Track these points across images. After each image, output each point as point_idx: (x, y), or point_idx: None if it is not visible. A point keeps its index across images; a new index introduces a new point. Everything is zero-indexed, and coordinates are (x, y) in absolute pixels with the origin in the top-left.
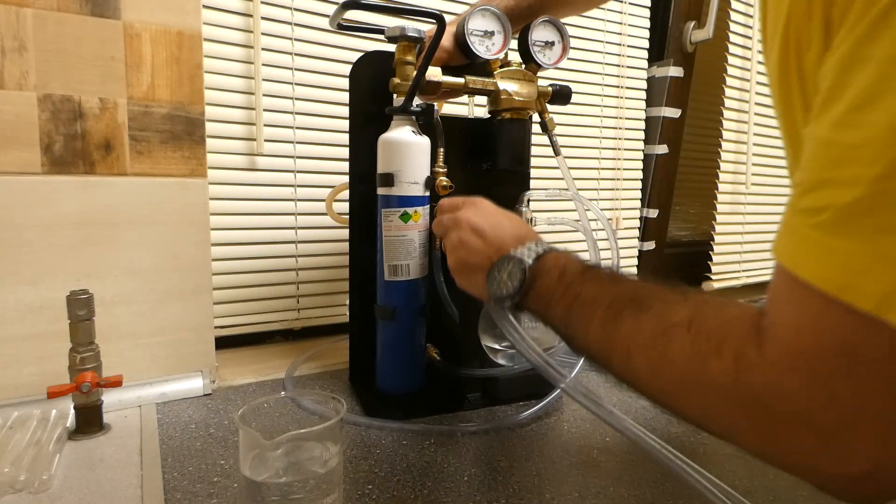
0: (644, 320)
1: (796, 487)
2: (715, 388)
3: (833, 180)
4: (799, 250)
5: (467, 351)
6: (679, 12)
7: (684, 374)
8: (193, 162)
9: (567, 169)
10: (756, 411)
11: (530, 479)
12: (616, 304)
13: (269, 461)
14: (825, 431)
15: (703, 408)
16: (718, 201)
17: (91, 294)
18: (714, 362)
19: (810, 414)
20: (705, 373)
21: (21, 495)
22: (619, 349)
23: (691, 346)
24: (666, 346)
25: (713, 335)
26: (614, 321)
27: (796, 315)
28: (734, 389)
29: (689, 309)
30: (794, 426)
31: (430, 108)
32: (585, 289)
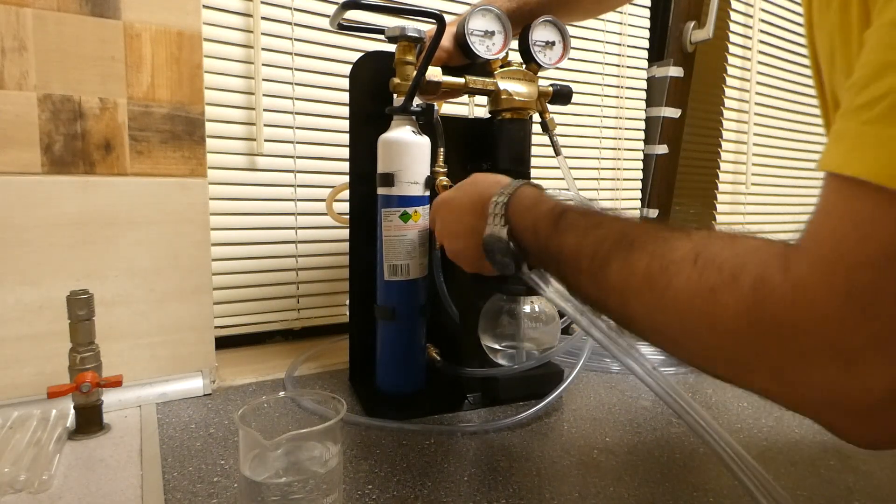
0: (636, 260)
1: (796, 487)
2: (726, 323)
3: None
4: (848, 149)
5: (467, 351)
6: (679, 12)
7: (689, 312)
8: (193, 162)
9: (567, 169)
10: (774, 343)
11: (530, 479)
12: (601, 250)
13: (269, 461)
14: (851, 356)
15: (711, 348)
16: (718, 201)
17: (91, 294)
18: (727, 294)
19: (840, 338)
20: (716, 306)
21: (21, 495)
22: (612, 296)
23: (698, 281)
24: (666, 284)
25: (726, 266)
26: (602, 270)
27: (838, 220)
28: (750, 320)
29: (693, 243)
30: (818, 356)
31: (430, 108)
32: (564, 242)
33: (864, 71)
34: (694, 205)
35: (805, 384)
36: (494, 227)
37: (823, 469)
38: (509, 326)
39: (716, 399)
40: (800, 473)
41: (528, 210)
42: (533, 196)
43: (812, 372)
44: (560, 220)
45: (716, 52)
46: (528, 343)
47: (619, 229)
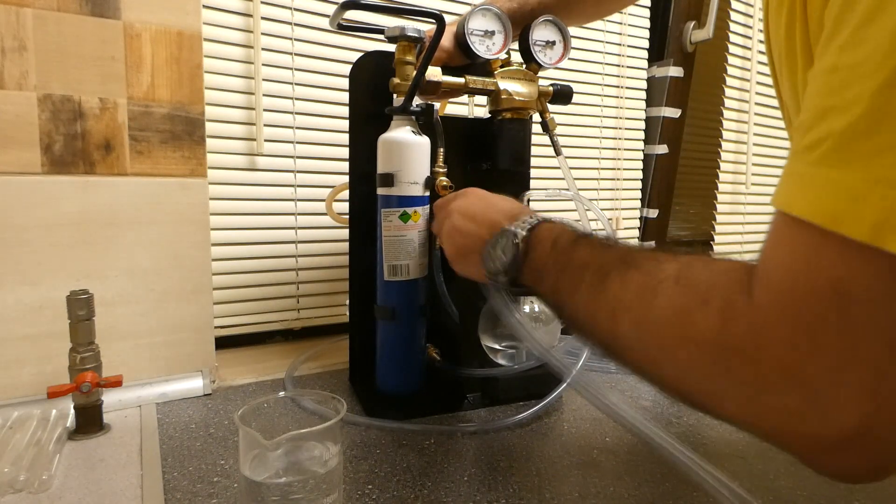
0: (630, 278)
1: (796, 488)
2: (698, 342)
3: (833, 107)
4: (793, 189)
5: (467, 351)
6: (679, 12)
7: (668, 329)
8: (193, 162)
9: (568, 169)
10: (739, 366)
11: (530, 479)
12: (605, 266)
13: (269, 461)
14: (811, 385)
15: (684, 366)
16: (718, 201)
17: (91, 294)
18: (699, 314)
19: (796, 365)
20: (690, 326)
21: (21, 495)
22: (604, 311)
23: (679, 299)
24: (652, 301)
25: (700, 287)
26: (601, 283)
27: (788, 255)
28: (718, 341)
29: (678, 263)
30: (778, 382)
31: (430, 108)
32: (577, 255)
33: (807, 115)
34: (694, 205)
35: (770, 411)
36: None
37: None
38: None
39: None
40: (800, 473)
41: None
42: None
43: (775, 400)
44: (580, 238)
45: (716, 52)
46: None
47: (626, 251)
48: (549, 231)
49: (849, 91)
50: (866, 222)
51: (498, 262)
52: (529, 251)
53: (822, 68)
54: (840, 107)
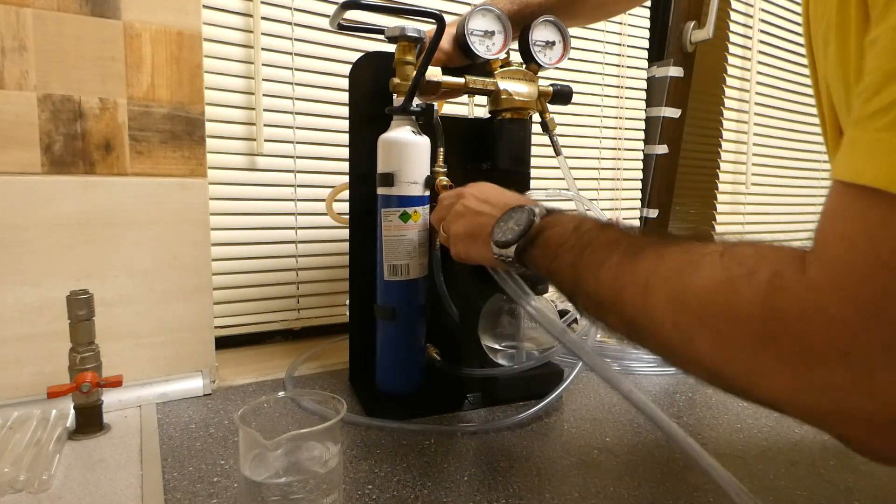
0: (669, 253)
1: (796, 488)
2: (741, 313)
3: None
4: (859, 158)
5: (467, 351)
6: (679, 12)
7: (708, 300)
8: (193, 162)
9: (568, 169)
10: (784, 339)
11: (530, 479)
12: (637, 243)
13: (269, 461)
14: (861, 362)
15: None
16: (718, 201)
17: (91, 294)
18: (744, 285)
19: (847, 341)
20: (733, 295)
21: (21, 495)
22: (635, 285)
23: (722, 271)
24: (692, 273)
25: (747, 261)
26: (633, 258)
27: (851, 227)
28: (764, 311)
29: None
30: (826, 356)
31: (430, 108)
32: (605, 235)
33: (873, 77)
34: (694, 205)
35: (815, 388)
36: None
37: (823, 469)
38: (509, 326)
39: (716, 399)
40: (800, 473)
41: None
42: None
43: (821, 373)
44: (609, 223)
45: (716, 52)
46: (528, 343)
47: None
48: (570, 218)
49: None
50: None
51: (510, 234)
52: (545, 229)
53: (889, 27)
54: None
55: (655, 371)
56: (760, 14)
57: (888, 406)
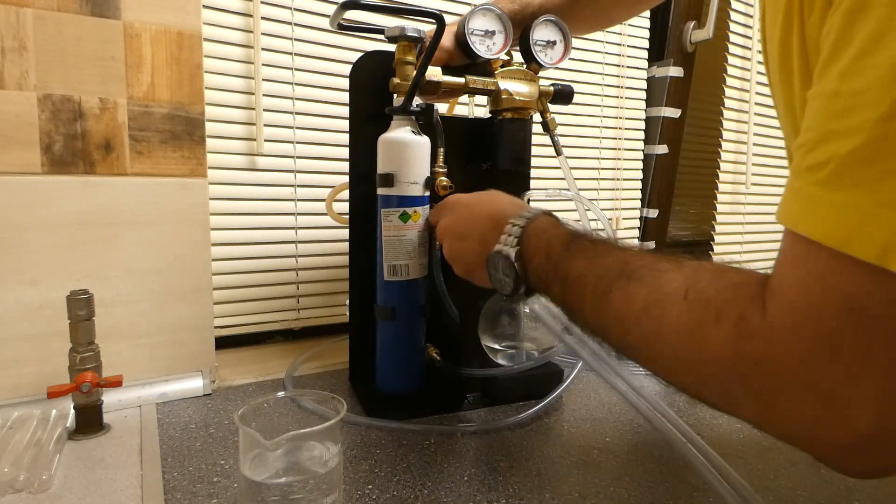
0: (634, 292)
1: (796, 487)
2: (713, 358)
3: (836, 132)
4: (801, 209)
5: (467, 351)
6: (679, 12)
7: (681, 344)
8: (193, 162)
9: (569, 169)
10: (756, 379)
11: (530, 479)
12: (605, 278)
13: (269, 461)
14: (828, 394)
15: (701, 379)
16: (718, 201)
17: (91, 294)
18: (712, 331)
19: (813, 376)
20: (703, 342)
21: (21, 495)
22: (613, 324)
23: (688, 315)
24: (661, 316)
25: (711, 303)
26: (605, 296)
27: (801, 274)
28: (734, 357)
29: (684, 276)
30: (796, 391)
31: (430, 108)
32: (573, 266)
33: (810, 135)
34: (694, 205)
35: (788, 418)
36: (505, 245)
37: (823, 469)
38: (509, 326)
39: None
40: (800, 473)
41: (544, 231)
42: (549, 221)
43: (793, 407)
44: (572, 244)
45: (716, 52)
46: (528, 343)
47: (622, 259)
48: (537, 240)
49: (851, 118)
50: (875, 244)
51: (507, 286)
52: (527, 265)
53: (822, 91)
54: (843, 132)
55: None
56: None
57: (855, 431)
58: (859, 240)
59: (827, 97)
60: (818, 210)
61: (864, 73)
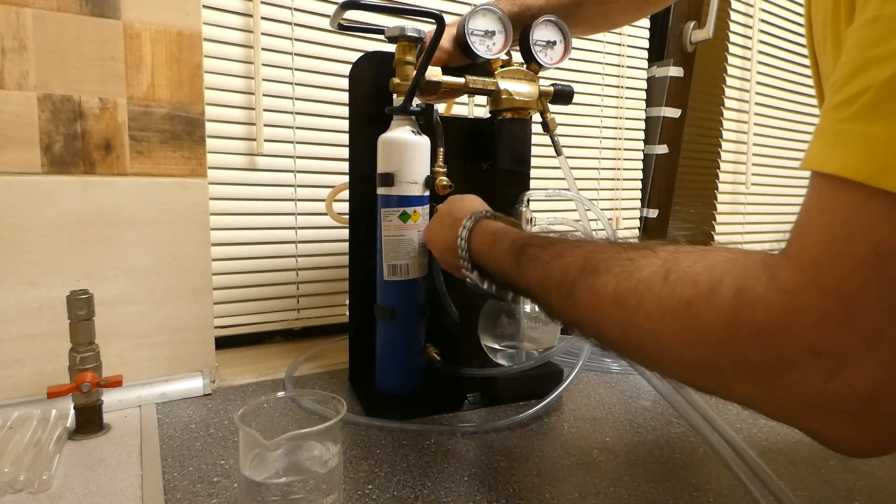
0: (602, 285)
1: (796, 488)
2: (705, 338)
3: (874, 59)
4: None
5: (467, 351)
6: (679, 12)
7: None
8: (193, 162)
9: (569, 169)
10: (755, 352)
11: (530, 479)
12: (566, 280)
13: (269, 461)
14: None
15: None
16: (718, 201)
17: (91, 294)
18: (703, 307)
19: (821, 341)
20: (692, 321)
21: (21, 495)
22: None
23: (671, 296)
24: (636, 303)
25: (700, 279)
26: (569, 298)
27: (826, 223)
28: (730, 333)
29: (661, 259)
30: (799, 360)
31: (430, 108)
32: (530, 276)
33: (843, 70)
34: (694, 205)
35: (787, 389)
36: (467, 271)
37: (823, 469)
38: (509, 326)
39: (716, 399)
40: (800, 473)
41: (490, 250)
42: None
43: (796, 379)
44: (521, 256)
45: (716, 52)
46: (527, 343)
47: (582, 256)
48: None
49: (890, 43)
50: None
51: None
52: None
53: (862, 21)
54: (881, 57)
55: None
56: (760, 14)
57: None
58: None
59: (866, 25)
60: (848, 144)
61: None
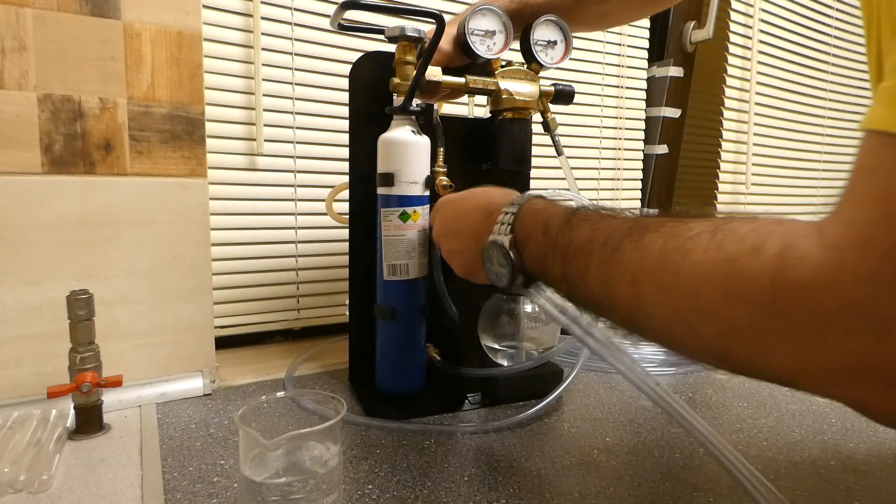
0: (649, 242)
1: (796, 488)
2: (746, 293)
3: None
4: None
5: (467, 351)
6: (679, 12)
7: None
8: (193, 162)
9: (569, 169)
10: (798, 312)
11: (530, 479)
12: (613, 238)
13: (269, 461)
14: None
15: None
16: (718, 201)
17: (91, 294)
18: (748, 262)
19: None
20: (735, 276)
21: (21, 495)
22: (623, 282)
23: (717, 252)
24: (681, 260)
25: (748, 237)
26: (613, 255)
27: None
28: (773, 290)
29: (710, 222)
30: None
31: (430, 107)
32: (576, 234)
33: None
34: (694, 205)
35: (832, 355)
36: (498, 235)
37: (823, 469)
38: (509, 326)
39: (716, 399)
40: (800, 473)
41: (539, 213)
42: (544, 202)
43: (841, 341)
44: (573, 216)
45: (716, 52)
46: (527, 343)
47: (633, 219)
48: (533, 222)
49: None
50: None
51: (504, 277)
52: (522, 250)
53: None
54: None
55: (654, 371)
56: (760, 14)
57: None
58: None
59: None
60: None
61: None
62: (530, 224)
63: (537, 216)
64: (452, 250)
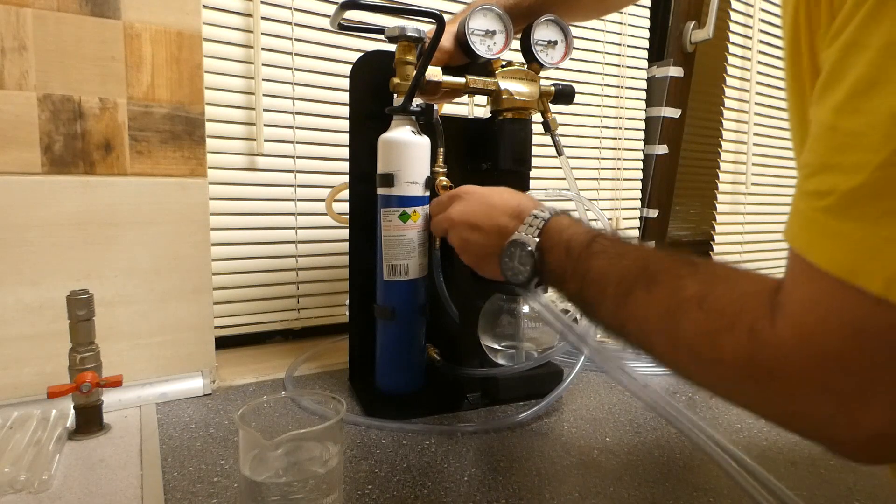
0: (654, 295)
1: (796, 488)
2: (728, 364)
3: (836, 166)
4: (807, 234)
5: (467, 351)
6: (679, 12)
7: (697, 350)
8: (193, 162)
9: (570, 169)
10: (771, 384)
11: (530, 479)
12: (625, 280)
13: (269, 461)
14: (841, 397)
15: (717, 382)
16: (718, 201)
17: (91, 294)
18: (726, 338)
19: (826, 382)
20: (718, 349)
21: (21, 495)
22: (632, 325)
23: (704, 323)
24: (678, 322)
25: (726, 311)
26: (625, 298)
27: (807, 295)
28: (748, 365)
29: (699, 283)
30: (808, 395)
31: (430, 108)
32: (593, 265)
33: (811, 157)
34: (694, 205)
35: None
36: (526, 235)
37: (823, 469)
38: (509, 326)
39: (716, 399)
40: (800, 473)
41: (565, 228)
42: (569, 220)
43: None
44: (593, 243)
45: (716, 52)
46: (527, 343)
47: (643, 259)
48: (558, 234)
49: (849, 156)
50: (879, 277)
51: (521, 275)
52: (545, 256)
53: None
54: (843, 168)
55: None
56: (760, 14)
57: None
58: (866, 272)
59: (825, 128)
60: (825, 239)
61: (861, 115)
62: (555, 238)
63: (563, 232)
64: (469, 240)
